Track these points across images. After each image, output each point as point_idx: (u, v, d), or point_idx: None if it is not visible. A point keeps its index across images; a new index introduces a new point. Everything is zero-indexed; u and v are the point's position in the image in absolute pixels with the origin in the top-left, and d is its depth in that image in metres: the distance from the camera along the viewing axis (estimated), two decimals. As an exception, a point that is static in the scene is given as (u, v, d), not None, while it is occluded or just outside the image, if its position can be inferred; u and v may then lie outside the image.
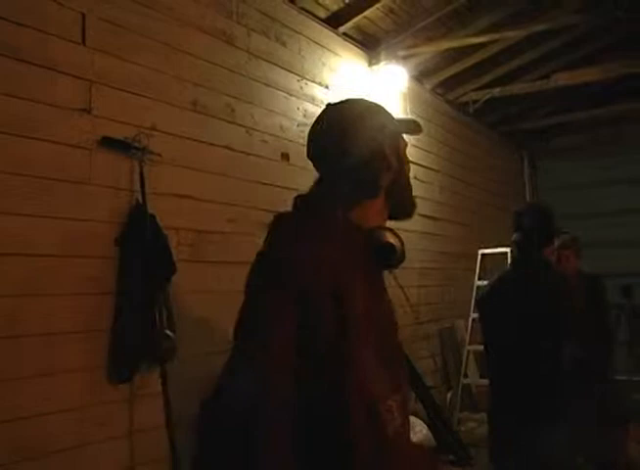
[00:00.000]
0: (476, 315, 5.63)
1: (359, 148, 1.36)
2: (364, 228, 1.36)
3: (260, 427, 1.10)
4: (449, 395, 5.91)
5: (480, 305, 3.06)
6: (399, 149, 1.44)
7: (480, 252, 6.06)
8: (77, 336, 2.63)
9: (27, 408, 2.41)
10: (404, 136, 1.47)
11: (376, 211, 1.40)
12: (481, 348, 3.08)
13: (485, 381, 3.14)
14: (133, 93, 3.01)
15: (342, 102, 1.44)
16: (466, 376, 5.86)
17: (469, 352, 5.82)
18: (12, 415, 2.35)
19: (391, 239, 1.36)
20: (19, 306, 2.43)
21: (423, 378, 4.61)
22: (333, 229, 1.33)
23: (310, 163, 1.43)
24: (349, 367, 1.20)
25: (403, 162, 1.44)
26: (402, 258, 1.39)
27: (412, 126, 1.49)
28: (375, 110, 1.44)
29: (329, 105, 1.44)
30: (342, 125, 1.38)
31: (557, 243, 3.27)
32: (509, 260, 5.04)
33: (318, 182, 1.42)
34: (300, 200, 1.39)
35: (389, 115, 1.45)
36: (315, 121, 1.43)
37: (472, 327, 5.76)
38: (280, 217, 1.37)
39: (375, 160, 1.38)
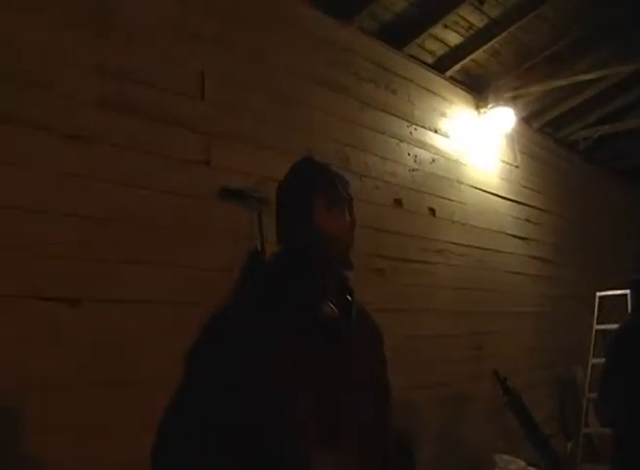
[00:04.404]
0: (597, 361, 5.41)
1: None
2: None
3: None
4: (569, 445, 5.64)
5: (614, 351, 2.94)
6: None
7: (598, 294, 5.81)
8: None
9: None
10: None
11: None
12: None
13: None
14: (250, 144, 3.08)
15: None
16: (587, 425, 5.59)
17: (589, 399, 5.55)
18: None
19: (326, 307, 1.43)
20: (139, 353, 2.46)
21: (540, 426, 4.44)
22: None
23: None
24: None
25: None
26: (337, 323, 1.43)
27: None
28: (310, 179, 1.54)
29: None
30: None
31: None
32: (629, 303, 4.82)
33: None
34: None
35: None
36: None
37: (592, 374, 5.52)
38: None
39: None
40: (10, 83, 2.22)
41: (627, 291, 5.03)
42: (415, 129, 4.30)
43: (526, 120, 5.88)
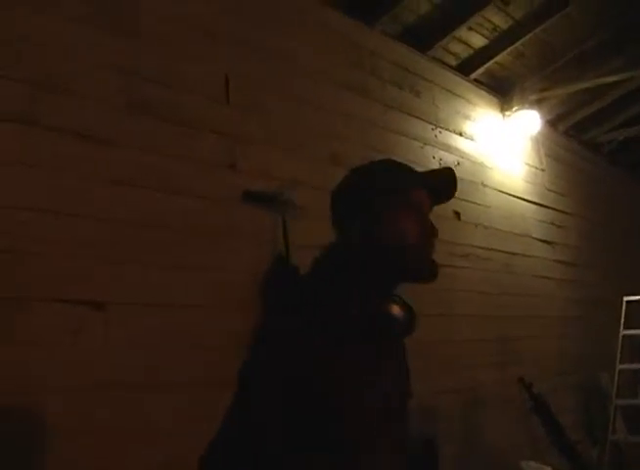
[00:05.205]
0: (624, 367, 5.34)
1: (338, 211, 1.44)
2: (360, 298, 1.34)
3: None
4: (595, 451, 5.55)
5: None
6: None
7: (625, 299, 5.72)
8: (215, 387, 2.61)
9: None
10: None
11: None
12: (631, 402, 2.89)
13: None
14: (275, 147, 3.07)
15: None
16: (614, 432, 5.49)
17: (617, 406, 5.46)
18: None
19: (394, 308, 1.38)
20: (159, 357, 2.41)
21: (566, 432, 4.37)
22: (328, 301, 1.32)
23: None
24: None
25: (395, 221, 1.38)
26: (407, 327, 1.39)
27: (431, 182, 1.44)
28: (370, 171, 1.46)
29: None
30: (335, 190, 1.46)
31: None
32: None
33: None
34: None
35: (390, 174, 1.43)
36: None
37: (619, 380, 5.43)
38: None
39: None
40: (31, 85, 2.23)
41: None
42: (440, 132, 4.26)
43: (552, 123, 5.83)
